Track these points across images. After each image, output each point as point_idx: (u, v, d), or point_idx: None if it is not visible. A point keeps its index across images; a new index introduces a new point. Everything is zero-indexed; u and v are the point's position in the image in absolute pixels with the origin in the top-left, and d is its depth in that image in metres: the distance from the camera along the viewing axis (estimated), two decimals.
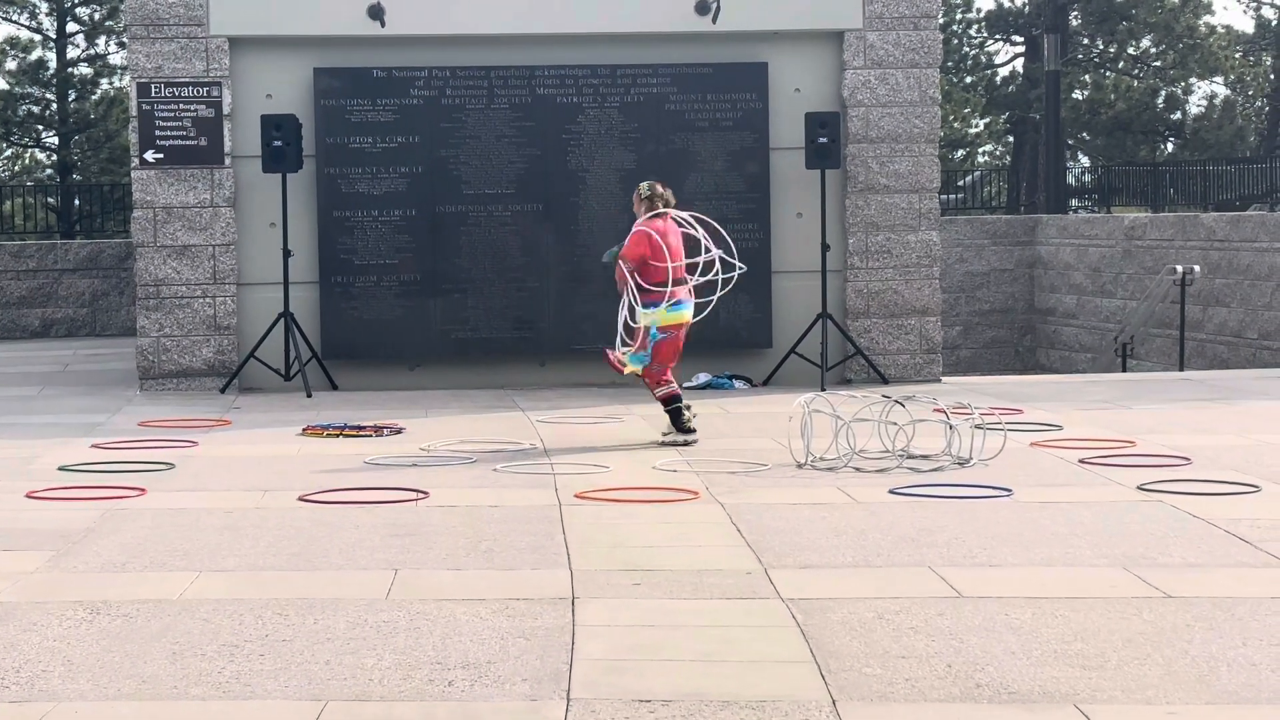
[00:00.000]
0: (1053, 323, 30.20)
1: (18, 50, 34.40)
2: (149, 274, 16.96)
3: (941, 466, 11.33)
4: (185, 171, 16.92)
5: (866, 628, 7.00)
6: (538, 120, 17.14)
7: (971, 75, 44.36)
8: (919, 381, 17.23)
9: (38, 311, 24.55)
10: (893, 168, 17.44)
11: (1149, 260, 27.06)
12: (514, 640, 6.83)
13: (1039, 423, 13.71)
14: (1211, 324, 25.28)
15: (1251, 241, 24.56)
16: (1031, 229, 31.10)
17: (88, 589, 7.82)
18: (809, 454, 11.42)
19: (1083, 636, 6.84)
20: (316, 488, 10.63)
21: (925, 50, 17.42)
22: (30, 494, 10.52)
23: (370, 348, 17.14)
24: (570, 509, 9.89)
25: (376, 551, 8.67)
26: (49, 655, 6.67)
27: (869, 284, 17.49)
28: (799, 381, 16.59)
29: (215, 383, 16.88)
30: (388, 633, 6.96)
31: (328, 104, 17.00)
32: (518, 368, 17.29)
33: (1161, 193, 34.58)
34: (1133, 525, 9.24)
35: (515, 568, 8.27)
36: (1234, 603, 7.39)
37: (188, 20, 16.85)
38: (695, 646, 6.77)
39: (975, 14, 44.50)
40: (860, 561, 8.39)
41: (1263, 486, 10.48)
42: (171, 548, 8.83)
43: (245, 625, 7.09)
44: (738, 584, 7.86)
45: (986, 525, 9.27)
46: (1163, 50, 43.29)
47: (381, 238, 17.04)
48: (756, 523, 9.38)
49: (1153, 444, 12.44)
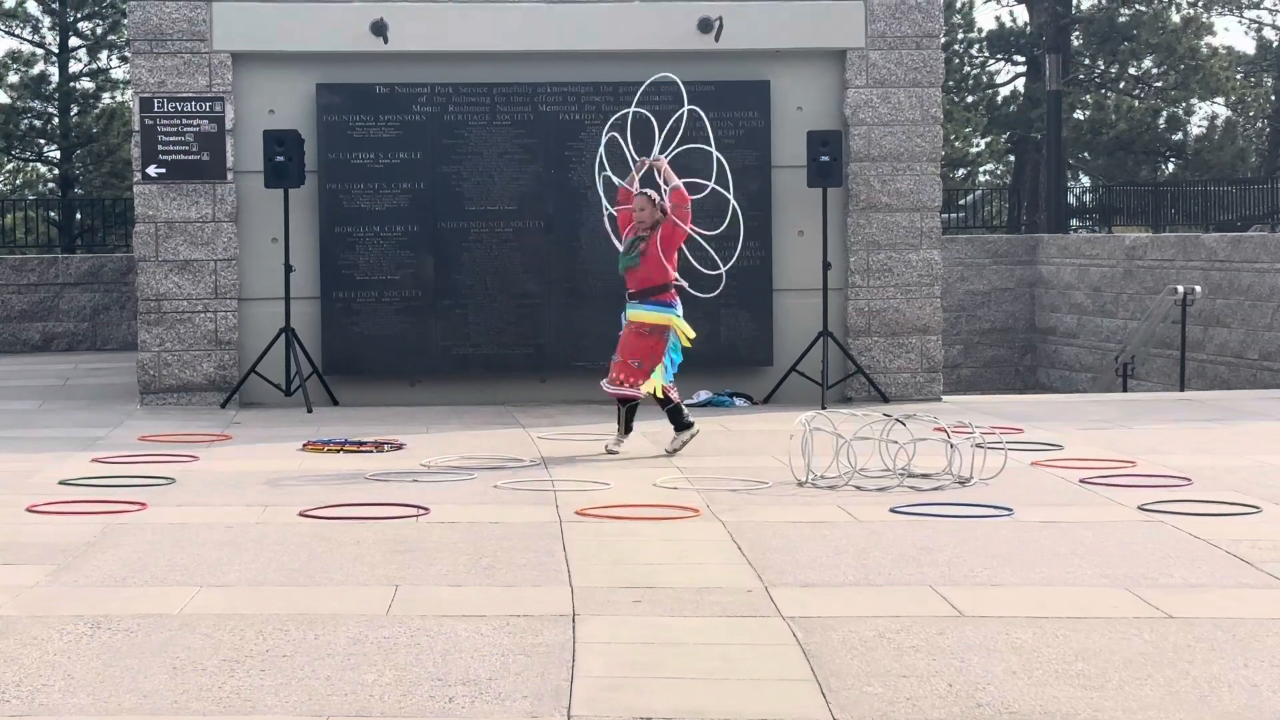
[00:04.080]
0: (1053, 342, 30.20)
1: (20, 64, 34.39)
2: (150, 288, 16.97)
3: (942, 485, 11.33)
4: (187, 186, 16.93)
5: (867, 646, 7.00)
6: (540, 137, 17.16)
7: (973, 95, 44.37)
8: (920, 400, 17.23)
9: (39, 325, 24.54)
10: (894, 186, 17.45)
11: (1150, 280, 27.06)
12: (515, 657, 6.83)
13: (1040, 442, 13.71)
14: (1212, 344, 25.28)
15: (1252, 262, 24.56)
16: (1032, 248, 31.11)
17: (88, 603, 7.82)
18: (810, 472, 11.42)
19: (1084, 656, 6.83)
20: (317, 503, 10.63)
21: (927, 69, 17.44)
22: (31, 508, 10.51)
23: (371, 363, 17.14)
24: (571, 525, 9.89)
25: (377, 567, 8.66)
26: (49, 669, 6.67)
27: (870, 302, 17.50)
28: (800, 399, 16.59)
29: (216, 397, 16.88)
30: (388, 649, 6.95)
31: (330, 120, 17.02)
32: (518, 384, 17.29)
33: (1162, 213, 34.59)
34: (1134, 545, 9.23)
35: (516, 584, 8.27)
36: (1235, 623, 7.39)
37: (191, 35, 16.87)
38: (696, 664, 6.77)
39: (977, 34, 44.51)
40: (861, 580, 8.38)
41: (1264, 507, 10.47)
42: (172, 562, 8.83)
43: (246, 640, 7.08)
44: (738, 602, 7.85)
45: (987, 544, 9.27)
46: (1164, 71, 43.32)
47: (383, 253, 17.05)
48: (757, 540, 9.37)
49: (1153, 464, 12.44)
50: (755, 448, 13.45)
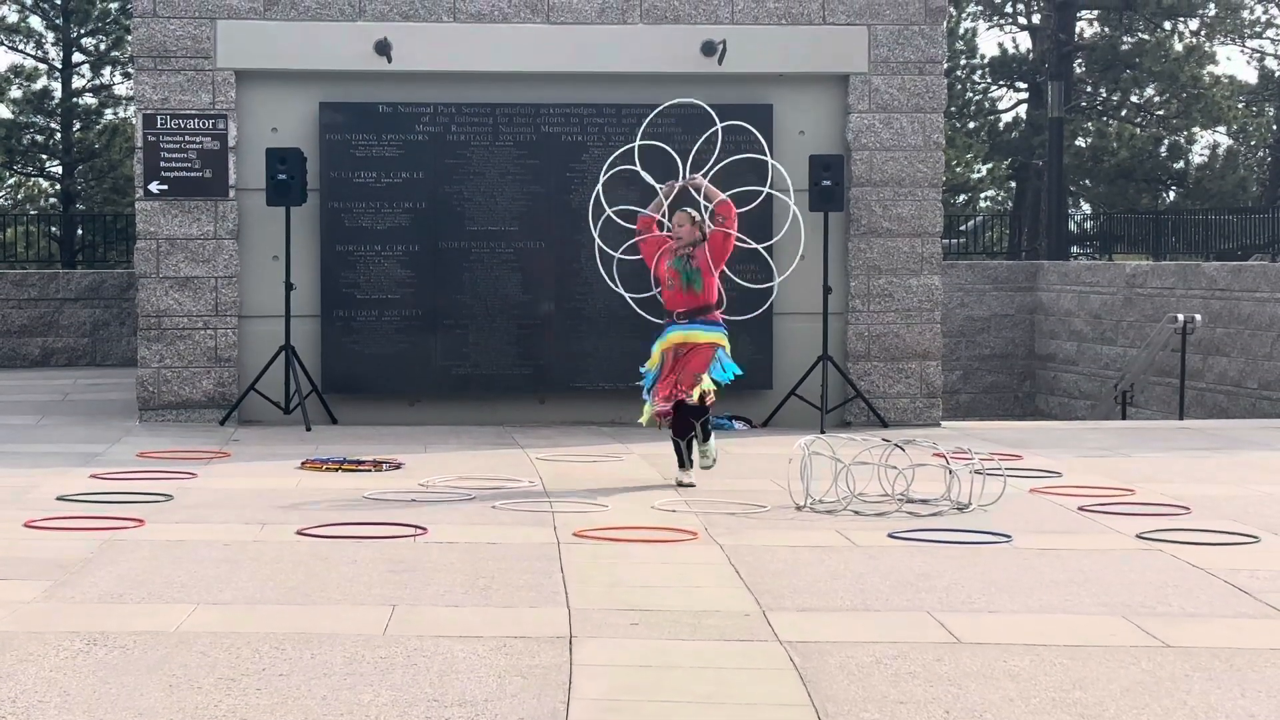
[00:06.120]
0: (1053, 369, 30.20)
1: (22, 79, 34.44)
2: (151, 305, 16.97)
3: (941, 511, 11.32)
4: (189, 203, 16.94)
5: (864, 672, 6.99)
6: (542, 158, 17.18)
7: (975, 121, 44.43)
8: (919, 425, 17.23)
9: (38, 340, 24.54)
10: (896, 211, 17.47)
11: (1150, 308, 27.07)
12: (511, 678, 6.82)
13: (1038, 469, 13.70)
14: (1212, 373, 25.28)
15: (1253, 291, 24.58)
16: (1033, 275, 31.13)
17: (85, 620, 7.81)
18: (808, 496, 11.41)
19: (1081, 685, 6.82)
20: (315, 522, 10.62)
21: (930, 95, 17.47)
22: (29, 523, 10.50)
23: (370, 382, 17.14)
24: (568, 547, 9.88)
25: (374, 587, 8.65)
26: (45, 686, 6.65)
27: (870, 327, 17.51)
28: (799, 423, 16.58)
29: (215, 414, 16.87)
30: (385, 669, 6.94)
31: (333, 138, 17.04)
32: (518, 404, 17.29)
33: (1163, 241, 34.61)
34: (1132, 574, 9.22)
35: (513, 605, 8.26)
36: (1233, 653, 7.38)
37: (194, 53, 16.89)
38: (693, 688, 6.76)
39: (980, 60, 44.58)
40: (859, 605, 8.37)
41: (1262, 537, 10.47)
42: (169, 579, 8.82)
43: (242, 659, 7.07)
44: (736, 626, 7.84)
45: (985, 571, 9.26)
46: (1166, 99, 43.38)
47: (384, 272, 17.07)
48: (755, 564, 9.36)
49: (1152, 492, 12.43)
50: (754, 471, 13.44)
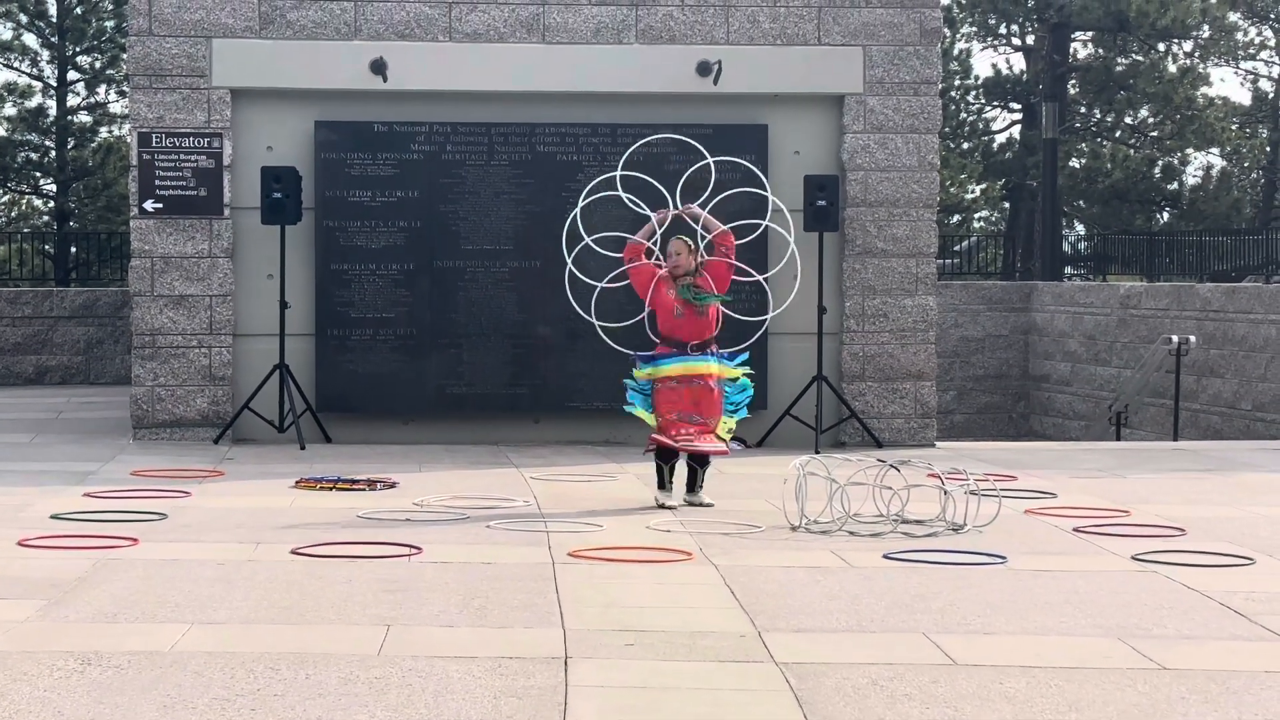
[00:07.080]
0: (1047, 389, 30.21)
1: (17, 96, 34.43)
2: (145, 323, 16.96)
3: (936, 532, 11.31)
4: (184, 222, 16.94)
5: (860, 693, 6.97)
6: (537, 177, 17.19)
7: (969, 141, 44.48)
8: (913, 446, 17.23)
9: (32, 358, 24.52)
10: (890, 232, 17.48)
11: (1144, 329, 27.10)
12: (506, 699, 6.80)
13: (1033, 490, 13.70)
14: (1206, 394, 25.30)
15: (1246, 313, 24.60)
16: (1027, 295, 31.16)
17: (79, 639, 7.78)
18: (803, 517, 11.39)
19: (1077, 707, 6.81)
20: (309, 541, 10.60)
21: (925, 116, 17.49)
22: (22, 542, 10.47)
23: (365, 401, 17.13)
24: (563, 567, 9.86)
25: (369, 607, 8.63)
26: (39, 705, 6.63)
27: (865, 347, 17.51)
28: (793, 443, 16.57)
29: (209, 433, 16.85)
30: (380, 689, 6.92)
31: (328, 157, 17.04)
32: (512, 424, 17.28)
33: (1157, 262, 34.65)
34: (1127, 595, 9.21)
35: (508, 626, 8.24)
36: (1228, 675, 7.37)
37: (190, 71, 16.90)
38: (688, 709, 6.74)
39: (974, 81, 44.64)
40: (854, 626, 8.36)
41: (1257, 559, 10.46)
42: (163, 599, 8.79)
43: (236, 679, 7.05)
44: (731, 647, 7.82)
45: (981, 592, 9.25)
46: (1160, 121, 43.45)
47: (379, 291, 17.07)
48: (750, 585, 9.35)
49: (1147, 514, 12.43)
50: (748, 491, 13.43)
